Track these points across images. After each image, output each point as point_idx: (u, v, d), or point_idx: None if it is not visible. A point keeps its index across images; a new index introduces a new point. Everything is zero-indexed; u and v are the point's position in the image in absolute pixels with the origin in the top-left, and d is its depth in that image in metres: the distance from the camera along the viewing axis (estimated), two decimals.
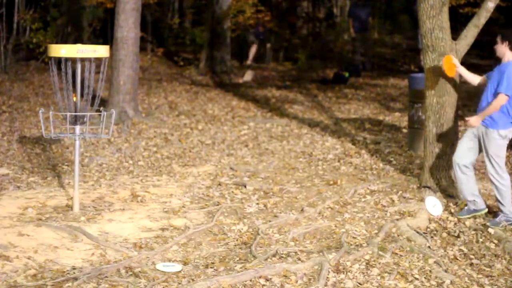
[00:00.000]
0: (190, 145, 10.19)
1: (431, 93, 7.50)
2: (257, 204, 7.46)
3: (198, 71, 17.68)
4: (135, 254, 6.00)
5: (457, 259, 6.09)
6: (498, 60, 6.91)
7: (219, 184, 8.22)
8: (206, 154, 9.71)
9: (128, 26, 11.61)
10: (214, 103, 13.68)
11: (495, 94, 6.70)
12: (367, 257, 5.97)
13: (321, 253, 5.98)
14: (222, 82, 16.61)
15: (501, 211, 6.83)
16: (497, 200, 6.87)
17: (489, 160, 6.79)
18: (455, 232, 6.66)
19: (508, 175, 6.85)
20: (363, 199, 7.52)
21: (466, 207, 7.05)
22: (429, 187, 7.50)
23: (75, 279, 5.37)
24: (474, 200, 6.99)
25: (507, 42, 6.76)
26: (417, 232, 6.54)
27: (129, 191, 7.85)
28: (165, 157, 9.52)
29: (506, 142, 6.82)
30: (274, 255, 5.97)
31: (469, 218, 6.91)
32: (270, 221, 6.90)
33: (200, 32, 18.56)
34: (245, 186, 8.06)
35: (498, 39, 6.82)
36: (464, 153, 6.94)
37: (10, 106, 12.44)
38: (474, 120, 6.80)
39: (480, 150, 6.91)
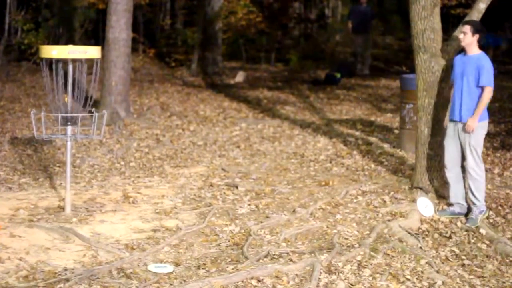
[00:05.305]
0: (181, 146, 10.18)
1: (423, 94, 7.50)
2: (249, 205, 7.46)
3: (190, 72, 17.68)
4: (126, 255, 5.99)
5: (449, 259, 6.10)
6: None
7: (211, 185, 8.21)
8: (197, 155, 9.71)
9: (119, 27, 11.60)
10: (205, 104, 13.67)
11: (479, 88, 6.69)
12: (359, 258, 5.98)
13: (313, 254, 5.98)
14: (213, 83, 16.61)
15: (474, 204, 6.83)
16: (472, 195, 6.84)
17: (471, 152, 6.78)
18: (446, 233, 6.67)
19: (483, 165, 6.89)
20: (355, 200, 7.52)
21: (451, 208, 7.07)
22: (420, 188, 7.51)
23: (67, 280, 5.36)
24: (462, 204, 7.02)
25: (478, 36, 6.75)
26: (409, 233, 6.55)
27: (121, 192, 7.83)
28: (157, 158, 9.51)
29: (485, 133, 6.87)
30: (266, 256, 5.97)
31: (452, 218, 6.95)
32: (262, 222, 6.89)
33: (192, 33, 18.54)
34: (237, 187, 8.06)
35: (469, 30, 6.74)
36: (454, 154, 6.97)
37: (2, 107, 12.40)
38: (472, 123, 6.71)
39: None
